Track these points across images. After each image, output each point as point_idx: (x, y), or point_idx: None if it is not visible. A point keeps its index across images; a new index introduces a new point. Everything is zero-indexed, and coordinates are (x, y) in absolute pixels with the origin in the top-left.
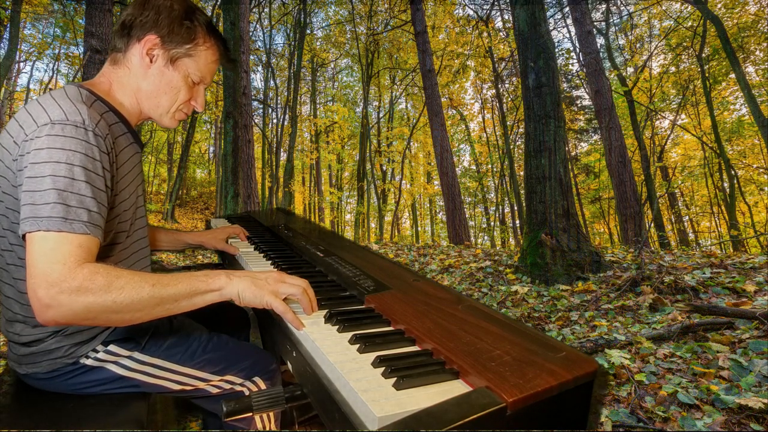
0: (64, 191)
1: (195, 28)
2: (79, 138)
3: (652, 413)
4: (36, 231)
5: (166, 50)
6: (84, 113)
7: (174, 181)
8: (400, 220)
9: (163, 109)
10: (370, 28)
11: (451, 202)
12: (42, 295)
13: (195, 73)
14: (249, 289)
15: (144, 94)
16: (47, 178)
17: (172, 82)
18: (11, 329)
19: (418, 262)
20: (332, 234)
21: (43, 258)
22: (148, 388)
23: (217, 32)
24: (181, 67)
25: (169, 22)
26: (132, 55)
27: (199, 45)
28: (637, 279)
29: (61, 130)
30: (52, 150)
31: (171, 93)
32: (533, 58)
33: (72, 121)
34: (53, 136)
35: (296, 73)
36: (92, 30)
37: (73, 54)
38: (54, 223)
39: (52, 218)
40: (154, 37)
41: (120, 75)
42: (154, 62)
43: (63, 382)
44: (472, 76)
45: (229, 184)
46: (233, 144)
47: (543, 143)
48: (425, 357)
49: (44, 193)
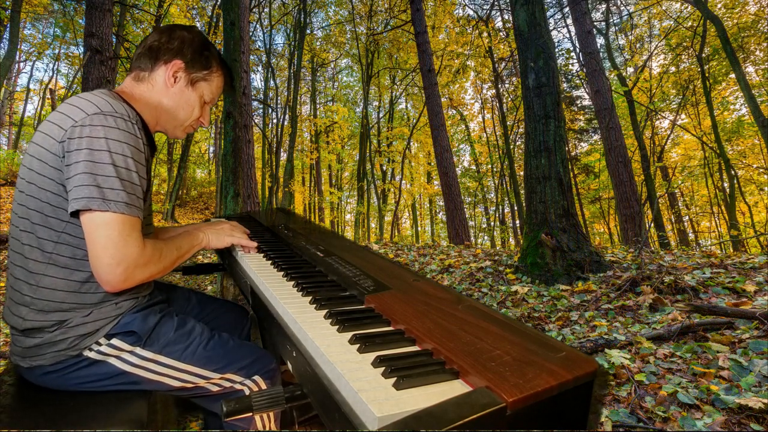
0: (125, 180)
1: (210, 58)
2: (128, 130)
3: (652, 413)
4: (105, 211)
5: (188, 74)
6: (126, 108)
7: (174, 181)
8: (400, 220)
9: (178, 122)
10: (370, 28)
11: (451, 202)
12: (121, 272)
13: (208, 95)
14: (214, 237)
15: (164, 108)
16: (109, 166)
17: (189, 100)
18: (16, 312)
19: (418, 262)
20: (332, 234)
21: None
22: (149, 385)
23: (225, 63)
24: (198, 89)
25: (192, 51)
26: (157, 74)
27: (213, 72)
28: (637, 279)
29: (114, 121)
30: (110, 141)
31: (188, 109)
32: (533, 58)
33: (120, 114)
34: (107, 127)
35: (296, 73)
36: (92, 30)
37: (73, 54)
38: (121, 207)
39: (119, 203)
40: (180, 62)
41: (143, 90)
42: (177, 82)
43: (66, 375)
44: (472, 76)
45: (229, 184)
46: (233, 144)
47: (543, 143)
48: (425, 357)
49: (108, 179)
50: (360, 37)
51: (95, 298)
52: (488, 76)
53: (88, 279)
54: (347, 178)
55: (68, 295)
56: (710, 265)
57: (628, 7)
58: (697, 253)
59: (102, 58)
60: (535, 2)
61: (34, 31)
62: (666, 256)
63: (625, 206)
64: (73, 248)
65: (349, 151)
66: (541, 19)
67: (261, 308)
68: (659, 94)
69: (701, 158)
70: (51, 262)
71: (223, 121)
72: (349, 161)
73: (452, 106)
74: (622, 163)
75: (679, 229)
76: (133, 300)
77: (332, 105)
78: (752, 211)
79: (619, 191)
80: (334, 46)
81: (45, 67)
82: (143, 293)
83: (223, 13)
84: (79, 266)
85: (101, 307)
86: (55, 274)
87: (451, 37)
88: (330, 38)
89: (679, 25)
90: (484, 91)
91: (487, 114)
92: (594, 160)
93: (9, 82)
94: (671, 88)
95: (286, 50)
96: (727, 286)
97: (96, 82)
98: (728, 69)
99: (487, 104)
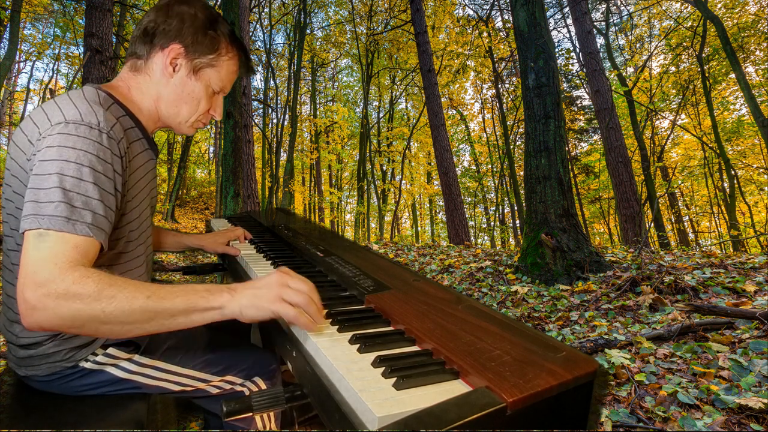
0: (70, 191)
1: (218, 38)
2: (92, 139)
3: (652, 413)
4: (36, 229)
5: (190, 60)
6: (100, 115)
7: (174, 181)
8: (400, 220)
9: (182, 117)
10: (370, 28)
11: (451, 202)
12: (29, 296)
13: (216, 83)
14: (252, 306)
15: (164, 102)
16: (53, 176)
17: (194, 92)
18: (11, 330)
19: (418, 262)
20: (332, 234)
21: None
22: (148, 389)
23: (239, 41)
24: (203, 77)
25: (194, 32)
26: (154, 63)
27: (222, 55)
28: (637, 279)
29: (75, 129)
30: (63, 148)
31: (192, 103)
32: (533, 58)
33: (86, 122)
34: (65, 134)
35: (296, 73)
36: (92, 30)
37: (73, 54)
38: (55, 222)
39: (54, 217)
40: (179, 46)
41: (140, 81)
42: (176, 72)
43: (62, 384)
44: (472, 76)
45: (229, 184)
46: (233, 144)
47: (543, 143)
48: (425, 357)
49: (48, 191)
50: (360, 37)
51: None
52: (488, 76)
53: None
54: (347, 178)
55: None
56: (710, 265)
57: (628, 7)
58: (697, 253)
59: (102, 58)
60: (535, 2)
61: (34, 31)
62: (666, 256)
63: (625, 206)
64: None
65: (349, 151)
66: (541, 19)
67: None
68: (659, 94)
69: (701, 158)
70: None
71: (223, 121)
72: (349, 161)
73: (452, 106)
74: (622, 163)
75: (679, 229)
76: None
77: (332, 105)
78: (752, 211)
79: (619, 191)
80: (334, 46)
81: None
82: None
83: (223, 13)
84: None
85: None
86: None
87: (451, 37)
88: (330, 38)
89: (679, 25)
90: (484, 91)
91: (487, 114)
92: (594, 160)
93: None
94: (671, 88)
95: (286, 50)
96: (727, 286)
97: (96, 82)
98: (728, 69)
99: (487, 104)
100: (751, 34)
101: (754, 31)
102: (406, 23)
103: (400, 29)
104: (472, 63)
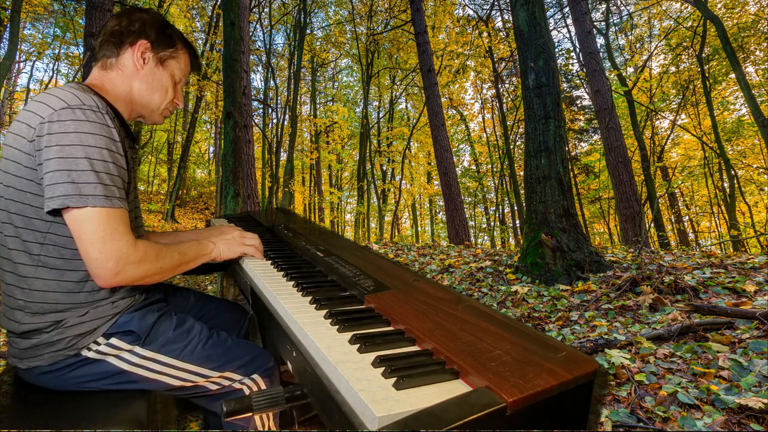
0: (101, 172)
1: (174, 36)
2: (99, 122)
3: (652, 413)
4: (84, 207)
5: (156, 53)
6: (94, 99)
7: (174, 181)
8: (400, 220)
9: (155, 105)
10: (370, 28)
11: (451, 202)
12: (112, 266)
13: (178, 74)
14: (227, 249)
15: (137, 92)
16: (83, 160)
17: (162, 80)
18: (12, 317)
19: (418, 262)
20: (332, 234)
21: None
22: (147, 384)
23: (187, 41)
24: (168, 67)
25: (156, 30)
26: (125, 58)
27: (179, 50)
28: (637, 279)
29: (83, 113)
30: (81, 134)
31: (161, 90)
32: (533, 58)
33: (88, 105)
34: (77, 120)
35: (296, 73)
36: (92, 30)
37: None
38: (99, 201)
39: (96, 196)
40: (146, 42)
41: (112, 77)
42: (146, 64)
43: (64, 375)
44: (472, 76)
45: (229, 184)
46: (233, 144)
47: (543, 143)
48: (425, 357)
49: (83, 173)
50: (360, 37)
51: (91, 298)
52: (488, 76)
53: (82, 279)
54: (347, 178)
55: (62, 296)
56: (710, 265)
57: (628, 7)
58: (697, 253)
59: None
60: (535, 2)
61: (34, 31)
62: (666, 256)
63: (625, 206)
64: (60, 248)
65: (349, 151)
66: (541, 19)
67: (261, 308)
68: (659, 94)
69: (701, 158)
70: (40, 264)
71: (223, 121)
72: (349, 161)
73: (452, 106)
74: (622, 163)
75: (679, 229)
76: (130, 299)
77: (332, 105)
78: (752, 211)
79: (619, 191)
80: (334, 46)
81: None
82: (140, 291)
83: (223, 13)
84: (70, 266)
85: (97, 307)
86: (45, 276)
87: (451, 37)
88: (330, 38)
89: (679, 25)
90: (484, 91)
91: (487, 114)
92: (594, 160)
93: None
94: (671, 88)
95: (286, 50)
96: (727, 286)
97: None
98: (728, 69)
99: (487, 104)
100: (751, 34)
101: (754, 31)
102: (406, 23)
103: (400, 29)
104: (472, 63)
